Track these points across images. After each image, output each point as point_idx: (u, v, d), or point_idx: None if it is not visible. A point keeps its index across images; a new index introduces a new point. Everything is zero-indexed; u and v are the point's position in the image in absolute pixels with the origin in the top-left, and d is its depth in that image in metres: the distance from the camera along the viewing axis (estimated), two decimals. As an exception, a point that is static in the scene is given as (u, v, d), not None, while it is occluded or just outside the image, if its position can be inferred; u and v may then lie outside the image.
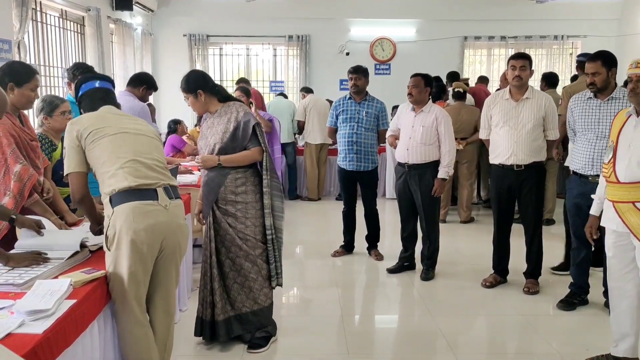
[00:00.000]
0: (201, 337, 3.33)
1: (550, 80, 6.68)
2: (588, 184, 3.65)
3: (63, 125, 3.17)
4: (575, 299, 3.94)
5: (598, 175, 3.59)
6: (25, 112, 3.26)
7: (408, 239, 4.80)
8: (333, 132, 5.22)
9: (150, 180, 2.47)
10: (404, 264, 4.80)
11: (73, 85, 3.55)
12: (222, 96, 3.33)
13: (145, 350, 2.48)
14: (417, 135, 4.47)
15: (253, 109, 5.51)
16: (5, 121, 2.81)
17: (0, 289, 2.12)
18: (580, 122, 3.76)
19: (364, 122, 4.93)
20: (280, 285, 3.42)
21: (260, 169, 3.30)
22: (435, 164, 4.48)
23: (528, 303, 4.09)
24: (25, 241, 2.54)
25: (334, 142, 5.48)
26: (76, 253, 2.51)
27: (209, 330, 3.28)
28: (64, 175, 2.54)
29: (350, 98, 5.04)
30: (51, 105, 3.41)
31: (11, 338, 1.74)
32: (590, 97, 3.74)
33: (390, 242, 5.51)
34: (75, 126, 2.52)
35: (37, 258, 2.39)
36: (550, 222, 6.26)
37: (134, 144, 2.54)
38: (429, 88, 4.55)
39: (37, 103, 3.37)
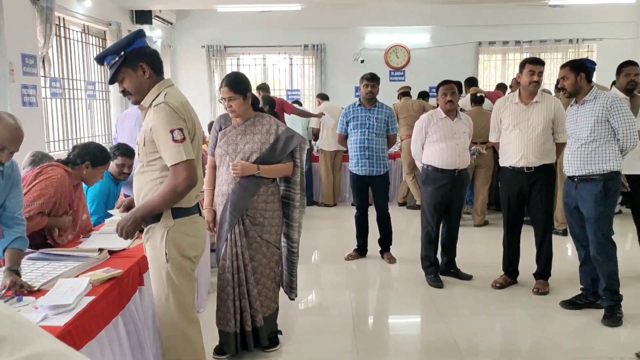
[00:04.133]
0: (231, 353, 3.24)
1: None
2: (571, 184, 3.84)
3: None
4: (580, 300, 3.98)
5: (571, 177, 3.78)
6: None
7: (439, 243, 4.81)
8: (343, 138, 5.33)
9: (199, 197, 2.56)
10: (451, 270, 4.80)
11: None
12: (256, 105, 3.31)
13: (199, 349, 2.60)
14: (463, 141, 4.58)
15: None
16: (64, 179, 3.07)
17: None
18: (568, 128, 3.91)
19: (374, 128, 5.06)
20: (296, 296, 3.53)
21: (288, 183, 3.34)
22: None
23: (537, 303, 4.14)
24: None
25: (337, 153, 5.59)
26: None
27: (252, 339, 3.22)
28: (177, 163, 2.31)
29: (360, 105, 5.16)
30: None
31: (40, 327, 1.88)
32: (572, 104, 3.88)
33: (403, 246, 5.59)
34: (180, 113, 2.35)
35: None
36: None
37: (198, 153, 2.48)
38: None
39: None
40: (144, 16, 8.37)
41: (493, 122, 4.48)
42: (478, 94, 6.69)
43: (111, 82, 2.45)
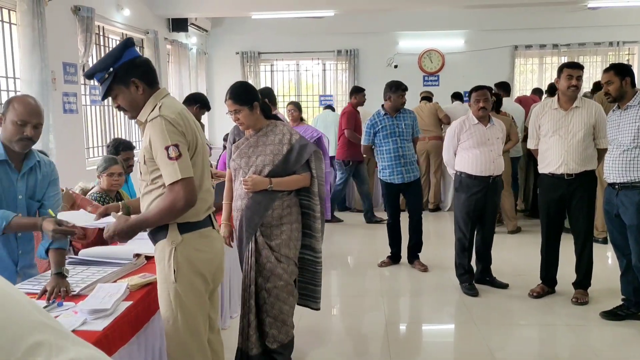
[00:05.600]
0: None
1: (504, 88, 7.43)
2: (612, 191, 3.75)
3: (108, 185, 3.58)
4: (621, 310, 3.87)
5: (613, 184, 3.69)
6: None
7: (474, 250, 4.73)
8: (369, 149, 5.28)
9: (210, 209, 2.42)
10: (486, 278, 4.71)
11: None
12: (268, 113, 3.16)
13: None
14: (497, 147, 4.50)
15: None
16: None
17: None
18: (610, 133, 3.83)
19: (404, 134, 5.06)
20: (319, 309, 3.37)
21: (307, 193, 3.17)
22: None
23: (576, 314, 4.04)
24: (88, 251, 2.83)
25: (370, 159, 5.54)
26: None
27: None
28: (175, 181, 2.13)
29: (385, 114, 5.12)
30: (103, 165, 3.64)
31: (74, 334, 1.92)
32: (614, 109, 3.80)
33: (438, 252, 5.54)
34: (179, 125, 2.18)
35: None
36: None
37: (206, 166, 2.38)
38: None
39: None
40: (180, 24, 8.51)
41: (531, 129, 4.42)
42: None
43: (103, 98, 2.32)
